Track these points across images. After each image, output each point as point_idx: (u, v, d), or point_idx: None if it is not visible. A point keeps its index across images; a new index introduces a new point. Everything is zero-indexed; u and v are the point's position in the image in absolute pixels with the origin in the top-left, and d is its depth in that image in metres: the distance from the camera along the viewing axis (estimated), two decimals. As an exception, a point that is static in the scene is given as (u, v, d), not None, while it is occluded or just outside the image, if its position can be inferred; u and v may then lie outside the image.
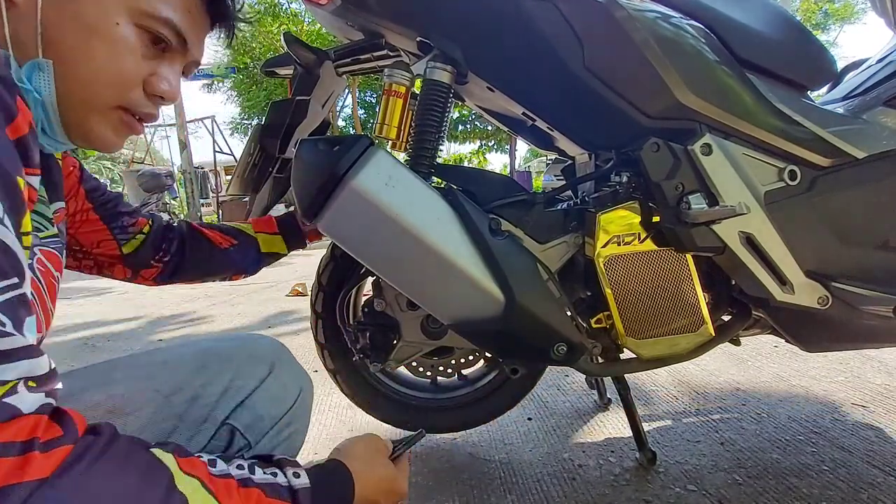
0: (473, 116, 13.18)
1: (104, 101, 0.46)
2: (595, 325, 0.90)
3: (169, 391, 0.46)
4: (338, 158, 0.73)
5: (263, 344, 0.55)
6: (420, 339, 0.97)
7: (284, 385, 0.51)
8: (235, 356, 0.51)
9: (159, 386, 0.46)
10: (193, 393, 0.46)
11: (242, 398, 0.48)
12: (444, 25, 0.81)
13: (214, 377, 0.48)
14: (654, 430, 1.18)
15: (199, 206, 10.00)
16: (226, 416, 0.46)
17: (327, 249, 1.07)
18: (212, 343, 0.54)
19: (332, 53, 0.96)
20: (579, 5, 0.76)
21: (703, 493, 0.93)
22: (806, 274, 0.82)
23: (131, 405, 0.44)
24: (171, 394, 0.46)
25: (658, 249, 0.82)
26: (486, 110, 1.13)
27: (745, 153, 0.81)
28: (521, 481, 1.00)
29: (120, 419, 0.43)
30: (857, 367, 1.48)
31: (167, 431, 0.44)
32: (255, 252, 0.86)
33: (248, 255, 0.85)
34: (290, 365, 0.55)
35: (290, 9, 11.52)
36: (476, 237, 0.77)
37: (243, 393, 0.48)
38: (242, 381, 0.49)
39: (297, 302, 3.02)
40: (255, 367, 0.51)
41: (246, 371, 0.50)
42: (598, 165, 0.98)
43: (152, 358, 0.52)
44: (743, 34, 0.83)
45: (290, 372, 0.54)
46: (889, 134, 0.83)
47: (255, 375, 0.50)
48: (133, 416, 0.43)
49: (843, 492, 0.91)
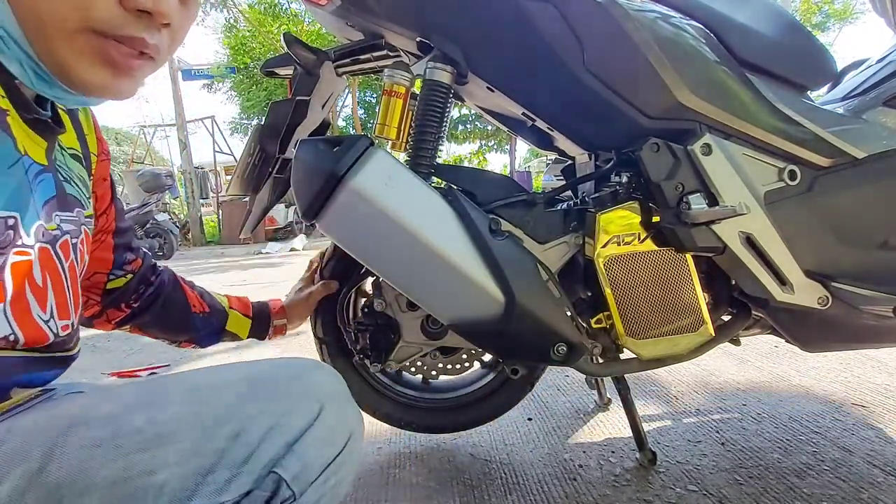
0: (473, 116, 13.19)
1: (64, 22, 0.38)
2: (595, 325, 0.90)
3: (212, 422, 0.41)
4: (338, 159, 0.73)
5: (318, 376, 0.49)
6: (420, 340, 0.97)
7: (335, 428, 0.46)
8: (286, 388, 0.46)
9: (203, 414, 0.42)
10: (237, 427, 0.41)
11: (289, 440, 0.42)
12: (444, 26, 0.81)
13: (261, 410, 0.43)
14: (654, 430, 1.18)
15: (199, 206, 10.00)
16: (271, 459, 0.41)
17: (329, 245, 1.06)
18: (263, 368, 0.49)
19: (332, 53, 0.96)
20: (579, 6, 0.76)
21: (704, 493, 0.93)
22: (806, 274, 0.82)
23: (172, 434, 0.40)
24: (213, 425, 0.41)
25: (658, 249, 0.82)
26: (486, 110, 1.13)
27: (745, 153, 0.81)
28: (522, 482, 1.00)
29: (159, 449, 0.39)
30: (857, 367, 1.48)
31: (206, 468, 0.39)
32: (218, 326, 0.83)
33: (211, 327, 0.82)
34: (344, 403, 0.49)
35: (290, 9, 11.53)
36: (476, 237, 0.77)
37: (290, 433, 0.43)
38: (291, 419, 0.43)
39: (297, 302, 3.01)
40: (306, 403, 0.45)
41: (295, 407, 0.44)
42: (598, 165, 0.98)
43: (199, 379, 0.47)
44: (743, 34, 0.83)
45: (342, 412, 0.47)
46: (889, 134, 0.84)
47: (305, 413, 0.44)
48: (172, 447, 0.39)
49: (843, 491, 0.91)
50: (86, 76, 0.41)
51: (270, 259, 5.98)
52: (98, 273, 0.69)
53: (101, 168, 0.64)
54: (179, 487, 0.38)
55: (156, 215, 6.68)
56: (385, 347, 0.97)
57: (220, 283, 4.10)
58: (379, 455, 1.13)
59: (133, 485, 0.37)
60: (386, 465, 1.08)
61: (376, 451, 1.14)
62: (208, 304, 0.81)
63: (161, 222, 6.72)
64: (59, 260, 0.47)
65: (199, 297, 0.81)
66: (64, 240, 0.48)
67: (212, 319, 0.81)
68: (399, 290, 0.83)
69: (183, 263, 6.13)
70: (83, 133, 0.59)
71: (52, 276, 0.46)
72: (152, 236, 6.73)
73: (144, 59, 0.43)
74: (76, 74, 0.41)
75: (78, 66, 0.40)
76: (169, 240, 6.77)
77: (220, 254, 7.33)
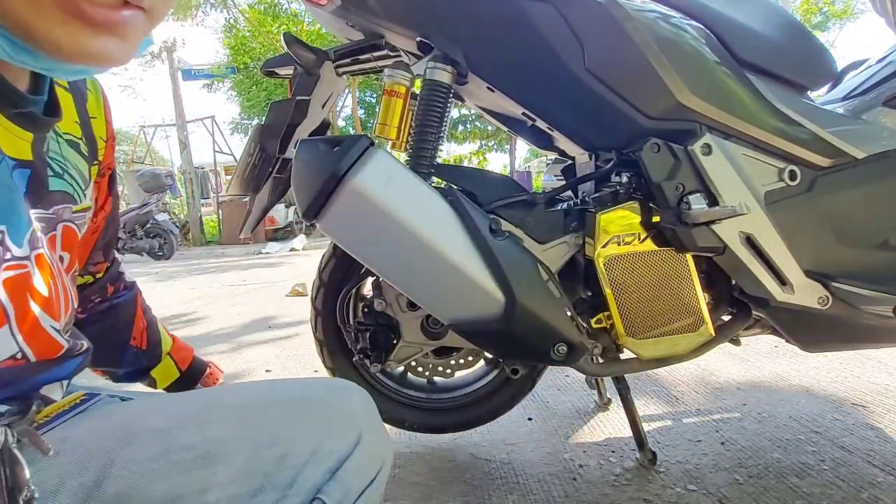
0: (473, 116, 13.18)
1: None
2: (595, 325, 0.90)
3: (261, 443, 0.42)
4: (338, 158, 0.73)
5: (355, 400, 0.49)
6: (420, 340, 0.97)
7: (371, 455, 0.46)
8: (327, 411, 0.46)
9: (252, 435, 0.42)
10: (283, 450, 0.42)
11: (332, 466, 0.43)
12: (445, 26, 0.81)
13: (305, 433, 0.43)
14: (654, 430, 1.18)
15: (199, 206, 10.00)
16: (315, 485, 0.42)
17: (329, 246, 1.07)
18: (303, 389, 0.49)
19: (332, 53, 0.96)
20: (579, 6, 0.76)
21: (704, 493, 0.93)
22: (806, 274, 0.82)
23: (224, 453, 0.40)
24: (262, 447, 0.42)
25: (658, 249, 0.82)
26: (486, 110, 1.13)
27: (745, 153, 0.81)
28: (523, 481, 1.00)
29: (211, 467, 0.39)
30: (857, 367, 1.48)
31: (254, 489, 0.40)
32: (145, 366, 0.75)
33: (136, 366, 0.74)
34: (378, 430, 0.49)
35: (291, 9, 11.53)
36: (476, 237, 0.77)
37: (332, 459, 0.43)
38: (332, 444, 0.44)
39: (297, 302, 3.02)
40: (346, 428, 0.45)
41: (336, 432, 0.45)
42: (598, 165, 0.98)
43: (245, 397, 0.47)
44: (743, 35, 0.83)
45: (378, 440, 0.48)
46: (889, 134, 0.84)
47: (346, 439, 0.44)
48: (223, 466, 0.40)
49: (843, 491, 0.91)
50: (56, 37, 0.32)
51: (270, 259, 5.98)
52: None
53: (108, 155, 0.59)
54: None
55: (156, 215, 6.67)
56: (385, 347, 0.97)
57: (220, 283, 4.10)
58: (379, 455, 1.13)
59: (186, 502, 0.38)
60: (386, 465, 1.08)
61: (376, 451, 1.14)
62: (149, 341, 0.74)
63: (161, 222, 6.71)
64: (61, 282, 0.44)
65: (145, 330, 0.74)
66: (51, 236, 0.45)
67: (141, 358, 0.74)
68: (399, 289, 0.83)
69: (183, 263, 6.13)
70: (88, 116, 0.53)
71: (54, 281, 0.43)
72: (152, 236, 6.73)
73: (131, 10, 0.34)
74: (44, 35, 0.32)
75: (42, 23, 0.31)
76: (169, 240, 6.77)
77: (220, 254, 7.33)
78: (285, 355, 1.94)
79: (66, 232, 0.48)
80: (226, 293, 3.47)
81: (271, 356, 1.94)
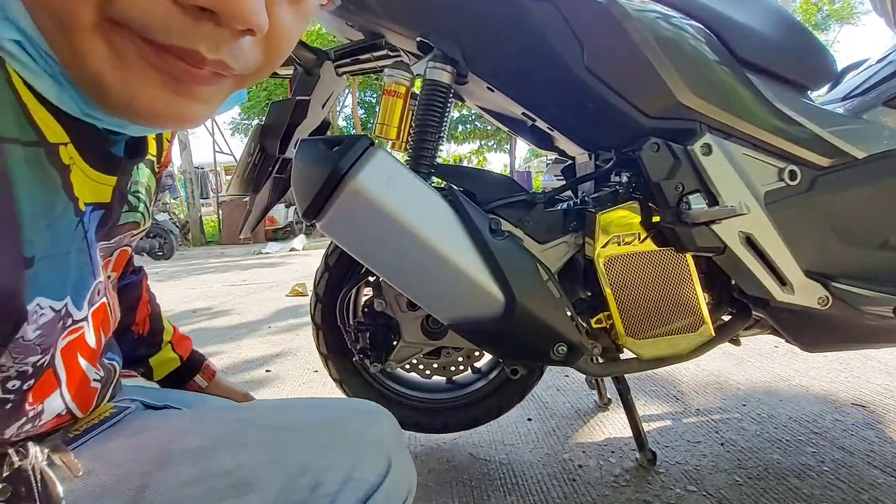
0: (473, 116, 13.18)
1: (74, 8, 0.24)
2: (595, 325, 0.90)
3: (294, 471, 0.42)
4: (338, 158, 0.73)
5: (384, 426, 0.49)
6: (420, 340, 0.97)
7: (399, 485, 0.46)
8: (357, 437, 0.46)
9: (284, 461, 0.42)
10: (316, 479, 0.42)
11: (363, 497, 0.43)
12: (444, 26, 0.81)
13: (337, 460, 0.44)
14: (654, 430, 1.18)
15: (199, 206, 10.00)
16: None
17: (322, 261, 1.06)
18: (334, 412, 0.49)
19: (332, 53, 0.96)
20: (579, 5, 0.76)
21: (704, 494, 0.93)
22: (806, 274, 0.82)
23: (257, 481, 0.40)
24: (295, 475, 0.42)
25: (658, 249, 0.82)
26: (486, 110, 1.13)
27: (745, 153, 0.81)
28: (522, 482, 1.00)
29: (245, 496, 0.40)
30: (857, 367, 1.48)
31: None
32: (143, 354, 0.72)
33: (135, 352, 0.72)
34: (405, 459, 0.49)
35: (291, 9, 11.51)
36: (476, 237, 0.77)
37: (363, 489, 0.43)
38: (363, 473, 0.44)
39: (297, 302, 3.02)
40: (377, 457, 0.45)
41: (367, 461, 0.45)
42: (598, 165, 0.98)
43: (278, 419, 0.47)
44: (743, 34, 0.83)
45: (405, 468, 0.48)
46: (889, 134, 0.84)
47: (376, 469, 0.45)
48: (257, 495, 0.40)
49: (843, 492, 0.91)
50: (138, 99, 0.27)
51: (270, 259, 5.98)
52: None
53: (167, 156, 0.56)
54: None
55: (156, 215, 6.68)
56: (385, 347, 0.97)
57: (220, 282, 4.10)
58: (379, 455, 1.13)
59: None
60: (386, 465, 1.08)
61: (376, 451, 1.14)
62: (150, 329, 0.72)
63: (161, 222, 6.72)
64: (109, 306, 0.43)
65: (148, 318, 0.72)
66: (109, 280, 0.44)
67: (139, 345, 0.72)
68: (399, 289, 0.83)
69: (183, 263, 6.13)
70: None
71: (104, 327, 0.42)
72: (152, 236, 6.74)
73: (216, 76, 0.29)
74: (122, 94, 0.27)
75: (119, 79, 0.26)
76: (169, 240, 6.77)
77: (220, 254, 7.33)
78: (285, 355, 1.94)
79: (120, 255, 0.47)
80: (226, 293, 3.47)
81: (271, 356, 1.94)
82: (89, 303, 0.38)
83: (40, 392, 0.35)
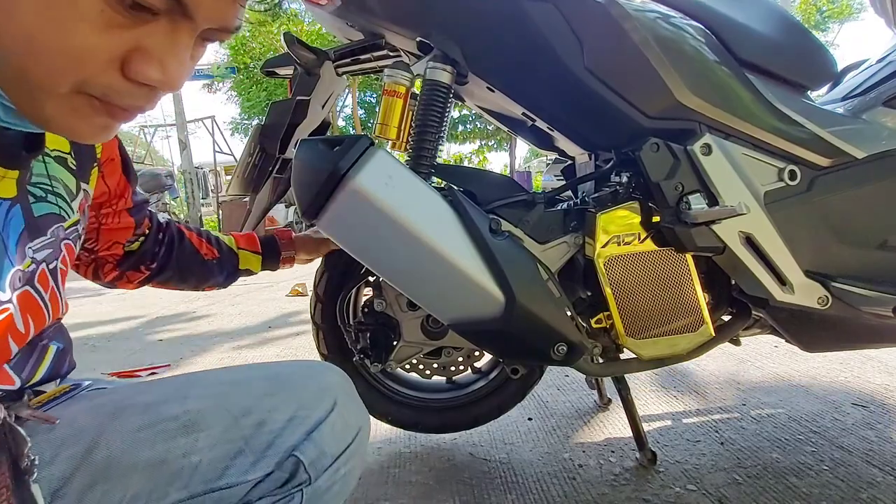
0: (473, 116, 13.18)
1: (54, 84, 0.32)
2: (595, 325, 0.90)
3: (239, 412, 0.46)
4: (338, 158, 0.73)
5: (331, 376, 0.54)
6: (420, 340, 0.97)
7: (346, 422, 0.50)
8: (303, 385, 0.51)
9: (230, 406, 0.47)
10: (261, 417, 0.46)
11: (307, 429, 0.47)
12: (445, 26, 0.81)
13: (281, 404, 0.48)
14: (654, 429, 1.18)
15: (199, 206, 10.00)
16: (291, 445, 0.46)
17: (321, 261, 1.06)
18: (281, 368, 0.54)
19: (332, 53, 0.96)
20: (579, 5, 0.76)
21: (703, 493, 0.93)
22: (806, 274, 0.82)
23: (204, 422, 0.45)
24: (240, 415, 0.46)
25: (658, 249, 0.82)
26: (486, 110, 1.13)
27: (745, 153, 0.81)
28: (522, 481, 1.00)
29: (193, 434, 0.44)
30: (857, 367, 1.48)
31: (234, 452, 0.45)
32: (232, 268, 0.85)
33: (225, 270, 0.85)
34: (354, 401, 0.54)
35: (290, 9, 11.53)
36: (476, 237, 0.77)
37: (308, 424, 0.47)
38: (308, 411, 0.48)
39: (297, 302, 3.02)
40: (321, 398, 0.50)
41: (312, 402, 0.49)
42: (598, 165, 0.98)
43: (224, 377, 0.52)
44: (743, 34, 0.83)
45: (353, 409, 0.53)
46: (889, 134, 0.84)
47: (321, 407, 0.49)
48: (205, 434, 0.44)
49: (842, 491, 0.91)
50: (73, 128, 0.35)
51: (270, 259, 5.97)
52: (116, 243, 0.71)
53: (108, 149, 0.61)
54: (211, 468, 0.44)
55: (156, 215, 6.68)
56: (385, 347, 0.97)
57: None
58: (379, 454, 1.13)
59: (172, 465, 0.43)
60: (386, 465, 1.09)
61: (376, 451, 1.14)
62: (217, 248, 0.83)
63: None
64: (39, 296, 0.46)
65: (207, 243, 0.83)
66: (41, 270, 0.46)
67: (224, 263, 0.84)
68: (399, 289, 0.83)
69: (183, 263, 6.12)
70: None
71: (35, 317, 0.46)
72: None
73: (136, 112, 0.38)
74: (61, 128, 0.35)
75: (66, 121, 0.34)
76: (169, 239, 6.76)
77: (220, 253, 7.32)
78: (285, 355, 1.94)
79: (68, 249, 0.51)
80: (226, 293, 3.47)
81: (271, 356, 1.94)
82: (13, 286, 0.42)
83: None
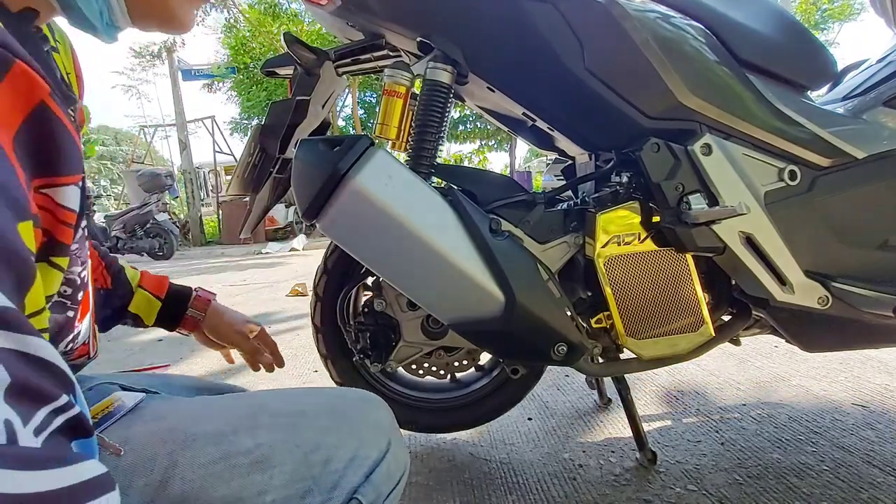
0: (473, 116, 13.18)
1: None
2: (595, 325, 0.90)
3: (308, 449, 0.46)
4: (338, 158, 0.73)
5: (382, 412, 0.55)
6: (420, 340, 0.97)
7: (398, 462, 0.51)
8: (360, 420, 0.52)
9: (300, 441, 0.46)
10: (327, 455, 0.46)
11: (366, 471, 0.48)
12: (445, 26, 0.81)
13: (344, 441, 0.48)
14: (654, 430, 1.18)
15: (199, 206, 10.00)
16: (353, 487, 0.46)
17: (321, 262, 1.06)
18: (335, 399, 0.54)
19: (332, 53, 0.96)
20: (579, 6, 0.76)
21: (704, 493, 0.93)
22: (806, 274, 0.82)
23: (276, 458, 0.44)
24: (309, 452, 0.46)
25: (658, 249, 0.82)
26: (486, 110, 1.13)
27: (745, 153, 0.81)
28: (522, 481, 1.00)
29: (267, 472, 0.43)
30: (857, 367, 1.48)
31: (303, 491, 0.44)
32: (120, 305, 0.70)
33: (110, 306, 0.69)
34: (401, 442, 0.54)
35: (290, 9, 11.53)
36: (476, 237, 0.77)
37: (367, 465, 0.48)
38: (367, 451, 0.49)
39: (297, 302, 3.02)
40: (378, 437, 0.51)
41: (370, 441, 0.50)
42: (598, 165, 0.98)
43: (286, 405, 0.52)
44: (743, 34, 0.83)
45: (401, 450, 0.53)
46: (889, 134, 0.84)
47: (378, 447, 0.50)
48: (277, 470, 0.44)
49: (843, 491, 0.91)
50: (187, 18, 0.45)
51: (270, 259, 5.98)
52: None
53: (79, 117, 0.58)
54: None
55: (156, 215, 6.67)
56: (385, 347, 0.97)
57: (220, 282, 4.10)
58: (379, 455, 1.13)
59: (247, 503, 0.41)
60: (386, 465, 1.08)
61: (376, 451, 1.14)
62: (113, 278, 0.69)
63: (161, 222, 6.72)
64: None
65: (103, 269, 0.69)
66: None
67: (113, 298, 0.69)
68: (399, 289, 0.83)
69: (183, 263, 6.13)
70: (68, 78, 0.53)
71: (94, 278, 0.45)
72: (152, 236, 6.73)
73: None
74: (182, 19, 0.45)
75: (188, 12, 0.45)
76: (169, 240, 6.77)
77: (220, 254, 7.33)
78: (285, 355, 1.94)
79: None
80: (226, 293, 3.47)
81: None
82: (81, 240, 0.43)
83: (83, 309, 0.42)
